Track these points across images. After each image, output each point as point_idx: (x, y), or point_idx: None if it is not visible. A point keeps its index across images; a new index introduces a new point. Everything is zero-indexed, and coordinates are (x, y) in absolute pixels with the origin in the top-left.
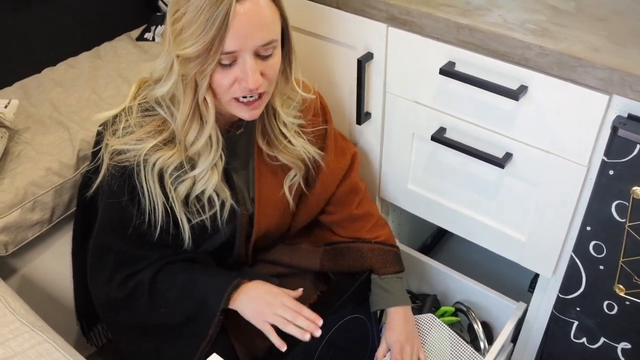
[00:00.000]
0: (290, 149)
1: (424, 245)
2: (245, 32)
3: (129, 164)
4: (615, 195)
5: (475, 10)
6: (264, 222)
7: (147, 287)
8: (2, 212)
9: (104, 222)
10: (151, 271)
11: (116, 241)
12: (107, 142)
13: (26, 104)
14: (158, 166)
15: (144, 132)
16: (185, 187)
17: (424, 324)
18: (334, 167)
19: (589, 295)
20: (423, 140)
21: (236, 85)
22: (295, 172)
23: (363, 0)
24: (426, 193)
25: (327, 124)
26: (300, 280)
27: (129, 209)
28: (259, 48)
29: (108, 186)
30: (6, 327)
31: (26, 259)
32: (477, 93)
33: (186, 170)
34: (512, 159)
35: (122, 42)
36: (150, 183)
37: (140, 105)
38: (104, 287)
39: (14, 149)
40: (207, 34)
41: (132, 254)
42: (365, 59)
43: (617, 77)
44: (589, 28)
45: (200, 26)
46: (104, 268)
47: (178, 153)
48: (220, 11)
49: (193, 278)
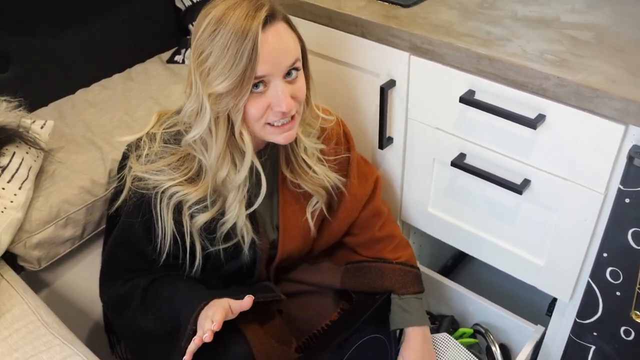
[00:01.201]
0: (312, 177)
1: (445, 267)
2: (273, 56)
3: (146, 192)
4: (631, 222)
5: (495, 40)
6: (287, 247)
7: (140, 291)
8: (36, 229)
9: (117, 237)
10: (148, 278)
11: (125, 257)
12: (131, 165)
13: (61, 124)
14: (176, 199)
15: (164, 164)
16: (204, 218)
17: (440, 344)
18: (358, 194)
19: (606, 320)
20: (443, 165)
21: (269, 111)
22: (317, 199)
23: (387, 30)
24: (446, 216)
25: (351, 152)
26: (322, 298)
27: (140, 232)
28: (287, 71)
29: (126, 206)
30: (39, 340)
31: (58, 273)
32: (496, 121)
33: (207, 204)
34: (530, 185)
35: (153, 64)
36: (164, 213)
37: (162, 135)
38: (108, 286)
39: (49, 167)
40: (238, 66)
41: (138, 266)
42: (388, 86)
43: (634, 108)
44: (607, 59)
45: (230, 60)
46: (112, 270)
47: (202, 188)
48: (248, 42)
49: (176, 290)
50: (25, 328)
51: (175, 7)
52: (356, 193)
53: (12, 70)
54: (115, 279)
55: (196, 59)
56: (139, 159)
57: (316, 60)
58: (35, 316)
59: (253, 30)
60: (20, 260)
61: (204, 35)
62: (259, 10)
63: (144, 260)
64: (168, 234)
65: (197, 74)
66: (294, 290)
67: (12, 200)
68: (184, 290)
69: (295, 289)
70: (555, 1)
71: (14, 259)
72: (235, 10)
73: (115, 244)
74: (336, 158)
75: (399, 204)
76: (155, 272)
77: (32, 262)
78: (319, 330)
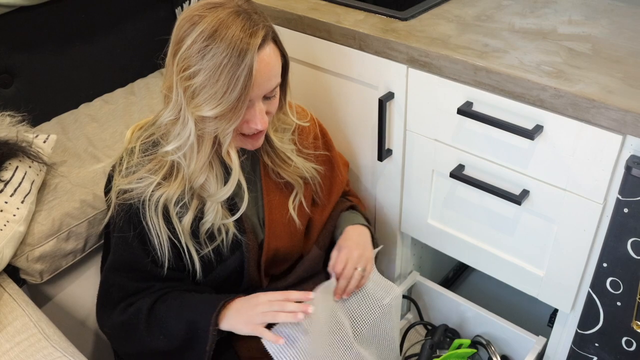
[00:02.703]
0: (292, 167)
1: (446, 279)
2: (263, 81)
3: (133, 202)
4: (630, 232)
5: (492, 52)
6: (274, 243)
7: (144, 314)
8: (38, 242)
9: (113, 257)
10: (150, 299)
11: (121, 278)
12: (115, 182)
13: (63, 139)
14: (162, 202)
15: (145, 171)
16: (189, 217)
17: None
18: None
19: (607, 331)
20: (442, 176)
21: (245, 125)
22: (297, 190)
23: (385, 43)
24: (445, 228)
25: (330, 151)
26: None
27: (135, 246)
28: (268, 92)
29: (115, 223)
30: (40, 353)
31: (60, 286)
32: (494, 132)
33: (187, 201)
34: (529, 196)
35: (155, 78)
36: (154, 220)
37: (140, 147)
38: (107, 315)
39: (51, 181)
40: (232, 93)
41: (136, 287)
42: (386, 98)
43: (630, 118)
44: (604, 70)
45: (224, 85)
46: (109, 298)
47: (179, 184)
48: (244, 68)
49: (185, 302)
50: (27, 341)
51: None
52: (343, 180)
53: (15, 85)
54: (114, 306)
55: (180, 71)
56: (121, 174)
57: (315, 73)
58: (37, 329)
59: (250, 54)
60: (22, 274)
61: (192, 49)
62: (255, 31)
63: (142, 279)
64: (164, 240)
65: (180, 87)
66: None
67: (15, 214)
68: (190, 301)
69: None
70: (553, 13)
71: (16, 272)
72: (230, 28)
73: (111, 267)
74: (316, 153)
75: (398, 216)
76: (154, 292)
77: (34, 275)
78: None
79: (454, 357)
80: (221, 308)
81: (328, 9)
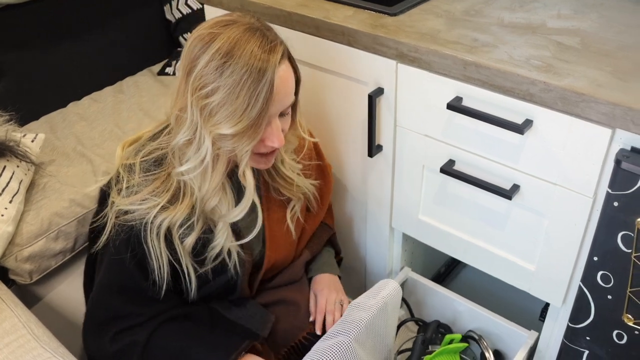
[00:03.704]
0: (293, 186)
1: (438, 274)
2: (281, 98)
3: (134, 224)
4: (620, 226)
5: (482, 47)
6: (273, 257)
7: (140, 348)
8: (27, 242)
9: (104, 279)
10: (146, 332)
11: (112, 298)
12: (114, 201)
13: (52, 138)
14: (165, 225)
15: (148, 192)
16: (192, 239)
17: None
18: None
19: (598, 324)
20: (433, 172)
21: (261, 143)
22: (294, 203)
23: (374, 38)
24: (436, 223)
25: (322, 160)
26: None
27: (130, 268)
28: (285, 109)
29: (112, 244)
30: (30, 354)
31: (49, 286)
32: (484, 127)
33: (192, 222)
34: (520, 191)
35: (144, 76)
36: (155, 243)
37: (141, 165)
38: (96, 341)
39: (40, 181)
40: (253, 109)
41: (128, 311)
42: (375, 94)
43: (619, 111)
44: (593, 63)
45: (244, 103)
46: (97, 323)
47: (186, 205)
48: (265, 83)
49: (188, 346)
50: (16, 342)
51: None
52: (332, 186)
53: (3, 84)
54: (102, 330)
55: (196, 91)
56: (121, 192)
57: (304, 70)
58: (25, 329)
59: (270, 70)
60: (11, 274)
61: (209, 67)
62: (274, 47)
63: (135, 302)
64: (164, 264)
65: (195, 106)
66: (270, 300)
67: (3, 214)
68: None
69: (271, 298)
70: (542, 7)
71: (4, 273)
72: (247, 45)
73: (102, 286)
74: (310, 163)
75: (389, 212)
76: (147, 321)
77: (23, 276)
78: (296, 343)
79: (446, 352)
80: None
81: (317, 5)
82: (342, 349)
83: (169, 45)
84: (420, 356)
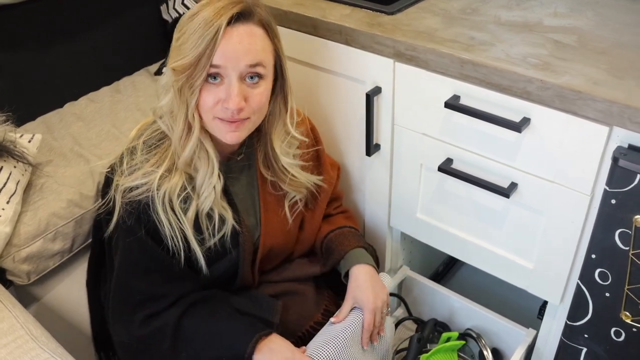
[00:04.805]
0: (292, 180)
1: (436, 273)
2: (233, 50)
3: (142, 197)
4: (618, 223)
5: (479, 45)
6: (269, 240)
7: (171, 330)
8: (25, 243)
9: (124, 262)
10: (176, 314)
11: (137, 281)
12: (117, 183)
13: (49, 138)
14: (168, 195)
15: (149, 165)
16: (192, 210)
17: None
18: (331, 182)
19: (596, 322)
20: (431, 170)
21: (219, 105)
22: (294, 194)
23: (371, 37)
24: (434, 222)
25: (318, 144)
26: (303, 298)
27: (149, 244)
28: (245, 72)
29: (124, 224)
30: (28, 354)
31: (47, 287)
32: (482, 125)
33: (189, 192)
34: (517, 189)
35: (141, 76)
36: (163, 213)
37: (144, 143)
38: (125, 326)
39: (37, 181)
40: (198, 48)
41: (154, 292)
42: (373, 92)
43: (616, 109)
44: (590, 61)
45: (193, 42)
46: (126, 308)
47: (179, 175)
48: (211, 30)
49: (218, 326)
50: (14, 342)
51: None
52: (330, 181)
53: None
54: (131, 314)
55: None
56: (123, 173)
57: (301, 69)
58: (23, 330)
59: (220, 21)
60: (9, 275)
61: (184, 18)
62: (233, 7)
63: (160, 282)
64: (177, 232)
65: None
66: (275, 291)
67: (0, 215)
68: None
69: (275, 290)
70: (538, 6)
71: (2, 273)
72: (216, 4)
73: (123, 270)
74: (307, 151)
75: (387, 210)
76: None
77: (21, 276)
78: (303, 332)
79: (443, 350)
80: (258, 339)
81: (313, 4)
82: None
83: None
84: (417, 355)
